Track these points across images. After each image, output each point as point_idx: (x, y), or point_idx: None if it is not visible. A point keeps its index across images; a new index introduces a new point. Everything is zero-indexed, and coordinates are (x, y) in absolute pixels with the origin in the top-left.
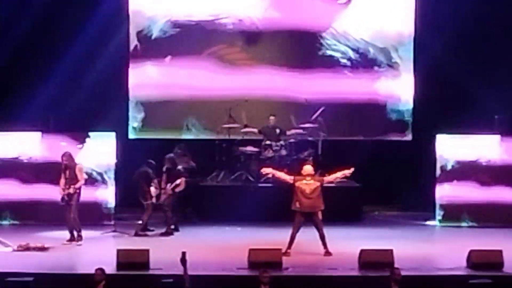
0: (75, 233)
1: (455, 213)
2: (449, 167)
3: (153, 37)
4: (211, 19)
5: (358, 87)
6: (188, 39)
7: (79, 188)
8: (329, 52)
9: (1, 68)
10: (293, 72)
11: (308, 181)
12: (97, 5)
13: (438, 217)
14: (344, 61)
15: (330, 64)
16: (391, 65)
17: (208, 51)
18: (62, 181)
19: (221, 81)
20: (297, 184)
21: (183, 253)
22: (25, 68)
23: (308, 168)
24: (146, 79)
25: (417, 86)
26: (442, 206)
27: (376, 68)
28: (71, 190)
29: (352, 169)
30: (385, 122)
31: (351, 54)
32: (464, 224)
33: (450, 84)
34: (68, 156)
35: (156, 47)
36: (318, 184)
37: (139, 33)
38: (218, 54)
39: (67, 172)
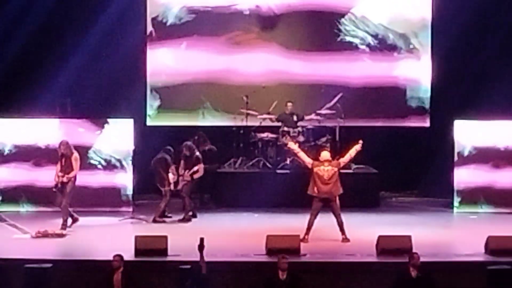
0: (69, 219)
1: (473, 198)
2: (466, 153)
3: (168, 23)
4: (227, 4)
5: (376, 71)
6: (204, 25)
7: (74, 177)
8: (347, 38)
9: (19, 55)
10: (311, 57)
11: (326, 167)
12: None
13: (456, 203)
14: (363, 47)
15: (349, 49)
16: (410, 51)
17: (224, 37)
18: (58, 168)
19: (238, 67)
20: (315, 169)
21: (201, 239)
22: (43, 54)
23: (325, 154)
24: (161, 66)
25: (434, 72)
26: (460, 192)
27: (395, 54)
28: (65, 179)
29: (361, 142)
30: (403, 107)
31: (370, 39)
32: (481, 209)
33: (468, 70)
34: (65, 144)
35: (172, 33)
36: (336, 169)
37: (154, 19)
38: (235, 40)
39: (63, 160)
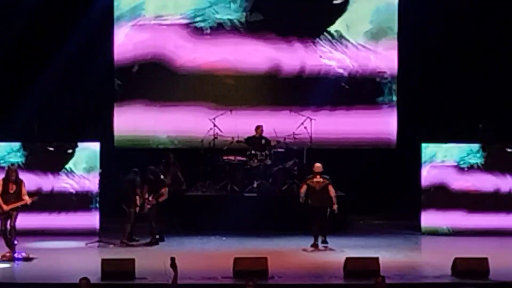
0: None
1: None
2: (432, 173)
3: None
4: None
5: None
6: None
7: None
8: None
9: None
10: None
11: (317, 179)
12: (83, 13)
13: (423, 224)
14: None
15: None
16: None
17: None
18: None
19: (205, 90)
20: (308, 182)
21: (172, 259)
22: (10, 79)
23: (318, 166)
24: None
25: (401, 94)
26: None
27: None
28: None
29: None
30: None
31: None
32: (447, 231)
33: (434, 95)
34: (16, 171)
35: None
36: (327, 182)
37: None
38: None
39: (14, 186)
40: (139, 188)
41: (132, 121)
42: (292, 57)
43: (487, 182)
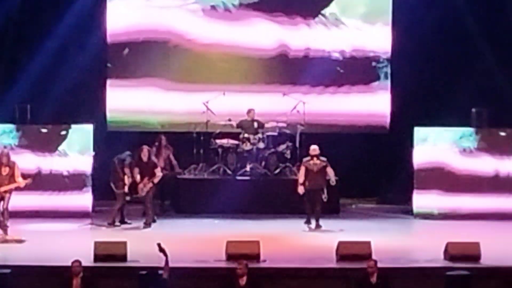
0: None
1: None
2: (425, 159)
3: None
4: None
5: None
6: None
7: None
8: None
9: None
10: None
11: (315, 162)
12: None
13: (415, 209)
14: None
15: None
16: None
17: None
18: None
19: (198, 75)
20: (305, 165)
21: (158, 244)
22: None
23: (315, 148)
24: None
25: (395, 78)
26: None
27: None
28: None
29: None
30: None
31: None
32: (439, 215)
33: (428, 78)
34: (8, 155)
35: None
36: (324, 164)
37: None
38: None
39: (7, 170)
40: (128, 168)
41: (124, 103)
42: (286, 39)
43: (480, 166)
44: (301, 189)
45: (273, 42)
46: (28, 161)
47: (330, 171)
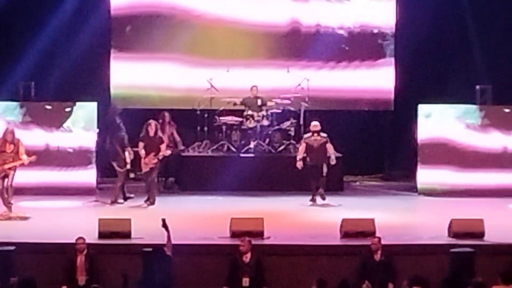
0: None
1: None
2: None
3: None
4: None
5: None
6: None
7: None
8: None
9: None
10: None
11: (315, 137)
12: None
13: (419, 186)
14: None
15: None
16: None
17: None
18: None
19: (201, 52)
20: (306, 141)
21: (163, 220)
22: (5, 38)
23: (316, 124)
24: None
25: (399, 57)
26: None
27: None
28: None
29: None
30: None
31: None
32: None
33: (432, 53)
34: (13, 132)
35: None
36: (324, 140)
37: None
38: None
39: (12, 147)
40: (129, 146)
41: (129, 79)
42: (291, 14)
43: (484, 142)
44: (299, 164)
45: (286, 19)
46: (32, 138)
47: (330, 147)
